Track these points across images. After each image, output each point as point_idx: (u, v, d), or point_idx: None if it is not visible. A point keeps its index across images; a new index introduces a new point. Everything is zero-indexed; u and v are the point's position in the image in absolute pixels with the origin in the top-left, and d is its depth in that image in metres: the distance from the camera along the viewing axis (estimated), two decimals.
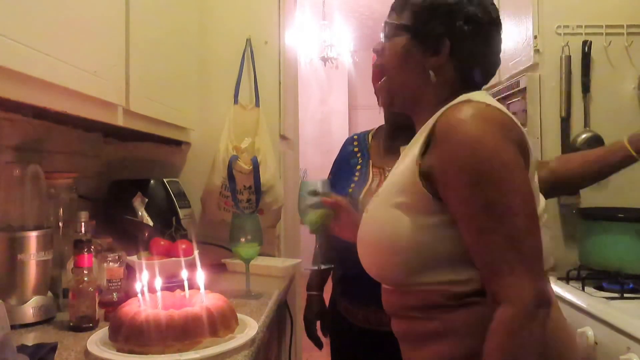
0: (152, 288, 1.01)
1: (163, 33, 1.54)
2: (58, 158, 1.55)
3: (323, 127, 6.36)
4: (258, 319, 1.14)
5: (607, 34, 1.94)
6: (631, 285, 1.56)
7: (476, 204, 0.79)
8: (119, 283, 1.23)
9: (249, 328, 1.05)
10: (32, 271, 1.13)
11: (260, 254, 1.48)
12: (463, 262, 0.84)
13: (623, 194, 1.92)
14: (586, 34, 1.95)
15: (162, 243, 1.49)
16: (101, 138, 1.91)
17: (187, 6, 1.79)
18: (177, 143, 1.92)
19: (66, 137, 1.60)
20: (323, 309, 1.67)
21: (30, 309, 1.12)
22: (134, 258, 1.43)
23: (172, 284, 1.20)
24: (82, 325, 1.10)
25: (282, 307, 1.74)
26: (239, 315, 1.07)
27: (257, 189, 1.75)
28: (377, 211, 0.92)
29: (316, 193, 1.20)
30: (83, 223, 1.23)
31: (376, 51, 1.02)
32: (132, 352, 0.91)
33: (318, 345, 1.70)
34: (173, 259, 1.42)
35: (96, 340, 0.97)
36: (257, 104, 1.94)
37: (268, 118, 1.93)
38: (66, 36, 0.96)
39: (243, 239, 1.37)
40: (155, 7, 1.44)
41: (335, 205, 1.19)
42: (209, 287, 1.07)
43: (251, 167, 1.75)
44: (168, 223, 1.67)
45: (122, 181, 1.75)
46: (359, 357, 1.55)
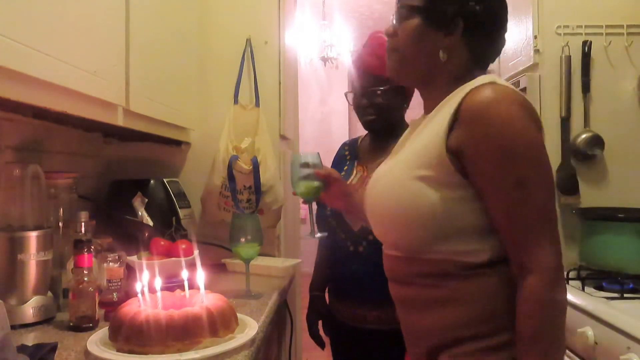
0: (152, 288, 1.01)
1: (163, 33, 1.54)
2: (58, 158, 1.55)
3: (323, 127, 6.36)
4: (258, 319, 1.14)
5: (607, 34, 1.94)
6: (631, 285, 1.57)
7: (508, 180, 0.86)
8: (119, 283, 1.23)
9: (249, 328, 1.05)
10: (32, 271, 1.13)
11: (260, 254, 1.48)
12: (478, 234, 0.90)
13: (623, 194, 1.92)
14: (586, 34, 1.95)
15: (162, 243, 1.49)
16: (101, 138, 1.91)
17: (187, 6, 1.79)
18: (177, 143, 1.92)
19: (66, 137, 1.60)
20: (325, 309, 1.69)
21: (30, 309, 1.11)
22: (134, 258, 1.43)
23: (172, 284, 1.20)
24: (82, 325, 1.09)
25: (282, 307, 1.74)
26: (239, 315, 1.07)
27: (257, 189, 1.75)
28: (397, 182, 0.95)
29: (308, 165, 1.23)
30: (83, 223, 1.23)
31: (388, 34, 1.03)
32: (132, 352, 0.91)
33: (320, 344, 1.73)
34: (173, 259, 1.42)
35: (96, 340, 0.97)
36: (257, 104, 1.94)
37: (268, 118, 1.93)
38: (66, 36, 0.96)
39: (243, 239, 1.37)
40: (155, 7, 1.44)
41: (327, 177, 1.23)
42: (209, 287, 1.07)
43: (251, 167, 1.75)
44: (168, 223, 1.67)
45: (122, 181, 1.75)
46: (353, 355, 1.59)
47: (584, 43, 1.94)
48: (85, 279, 1.11)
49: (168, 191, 1.75)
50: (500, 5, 0.99)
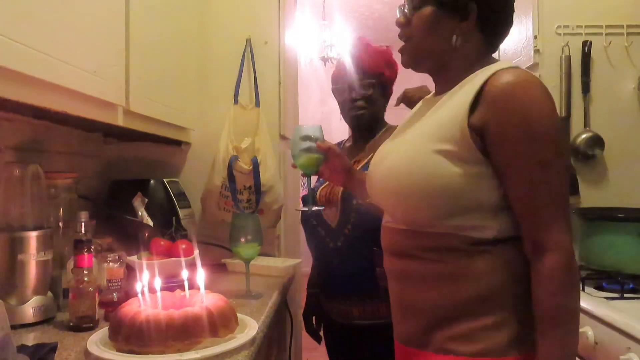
0: (152, 288, 1.01)
1: (163, 33, 1.54)
2: (58, 158, 1.55)
3: (323, 127, 6.34)
4: (258, 319, 1.14)
5: (607, 34, 1.94)
6: (631, 285, 1.57)
7: (531, 160, 0.88)
8: (119, 283, 1.23)
9: (249, 328, 1.05)
10: (32, 271, 1.13)
11: (260, 254, 1.48)
12: (488, 211, 0.92)
13: (623, 194, 1.92)
14: (586, 34, 1.95)
15: (162, 243, 1.49)
16: (101, 138, 1.91)
17: (187, 6, 1.79)
18: (177, 143, 1.92)
19: (66, 137, 1.60)
20: (317, 307, 1.73)
21: (30, 309, 1.11)
22: (134, 258, 1.43)
23: (172, 284, 1.20)
24: (82, 325, 1.09)
25: (282, 307, 1.74)
26: (239, 315, 1.07)
27: (257, 189, 1.75)
28: (415, 155, 0.95)
29: (310, 138, 1.23)
30: (83, 223, 1.23)
31: (400, 24, 1.03)
32: (132, 352, 0.91)
33: (317, 339, 1.77)
34: (173, 259, 1.42)
35: (96, 340, 0.97)
36: (257, 104, 1.94)
37: (268, 118, 1.93)
38: (66, 36, 0.96)
39: (243, 239, 1.37)
40: (155, 7, 1.44)
41: (327, 150, 1.23)
42: (209, 287, 1.07)
43: (251, 167, 1.75)
44: (168, 223, 1.67)
45: (122, 181, 1.75)
46: (345, 352, 1.61)
47: (584, 43, 1.94)
48: (85, 279, 1.11)
49: (168, 191, 1.75)
50: None
